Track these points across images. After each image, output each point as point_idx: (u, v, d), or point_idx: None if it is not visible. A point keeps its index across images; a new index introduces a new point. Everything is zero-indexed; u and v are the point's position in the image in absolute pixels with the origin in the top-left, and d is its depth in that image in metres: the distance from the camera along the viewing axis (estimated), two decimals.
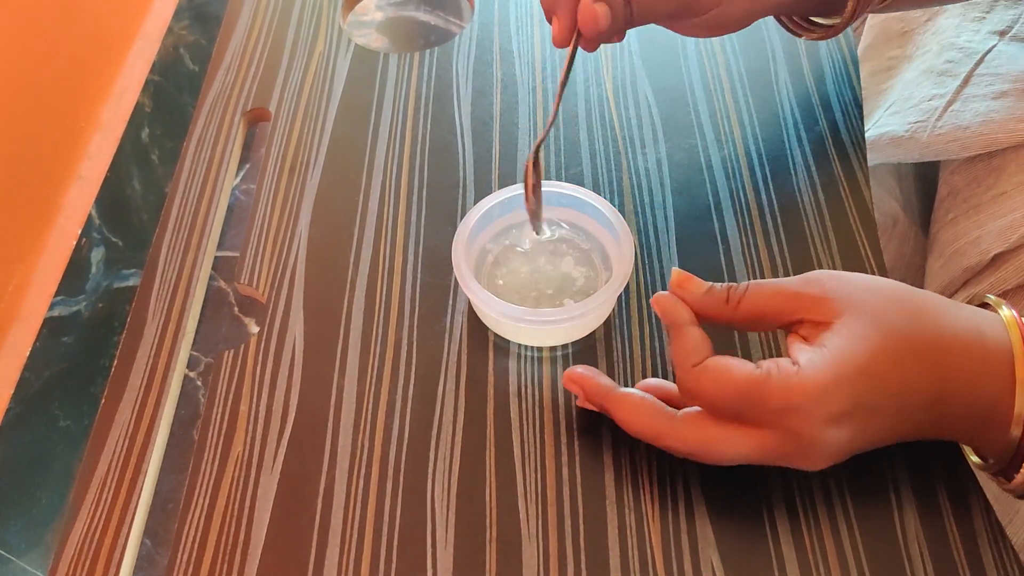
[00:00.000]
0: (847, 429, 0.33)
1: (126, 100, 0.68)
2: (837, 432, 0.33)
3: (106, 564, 0.38)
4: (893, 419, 0.34)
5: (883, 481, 0.37)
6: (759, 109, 0.52)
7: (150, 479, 0.40)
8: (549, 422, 0.40)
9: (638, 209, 0.48)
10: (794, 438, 0.33)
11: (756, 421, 0.33)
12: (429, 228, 0.47)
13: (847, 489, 0.37)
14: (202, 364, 0.45)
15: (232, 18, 0.60)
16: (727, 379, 0.33)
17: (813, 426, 0.32)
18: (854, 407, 0.32)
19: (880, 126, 0.55)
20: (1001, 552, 0.36)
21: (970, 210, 0.51)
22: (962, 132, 0.51)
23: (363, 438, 0.40)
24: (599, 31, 0.39)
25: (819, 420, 0.32)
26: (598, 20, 0.39)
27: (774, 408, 0.32)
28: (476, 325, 0.43)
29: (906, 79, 0.56)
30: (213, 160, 0.52)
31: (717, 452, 0.34)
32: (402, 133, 0.52)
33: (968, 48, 0.53)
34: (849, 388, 0.32)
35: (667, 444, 0.35)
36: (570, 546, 0.36)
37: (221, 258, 0.49)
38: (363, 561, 0.36)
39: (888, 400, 0.33)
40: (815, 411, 0.32)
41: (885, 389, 0.33)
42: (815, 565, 0.35)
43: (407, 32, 0.62)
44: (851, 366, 0.32)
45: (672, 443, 0.35)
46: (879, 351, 0.33)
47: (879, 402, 0.33)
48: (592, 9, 0.38)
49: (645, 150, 0.50)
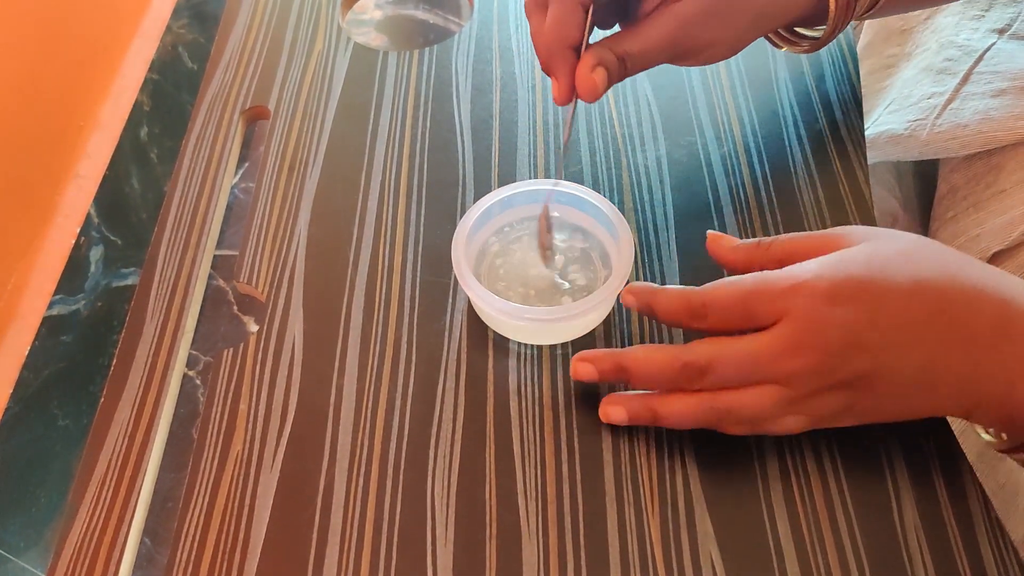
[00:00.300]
0: (853, 309, 0.33)
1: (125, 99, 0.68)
2: (843, 311, 0.33)
3: (105, 563, 0.38)
4: (903, 315, 0.34)
5: (882, 477, 0.38)
6: (759, 107, 0.52)
7: (149, 478, 0.40)
8: (549, 420, 0.40)
9: (638, 207, 0.48)
10: (802, 321, 0.33)
11: (765, 316, 0.34)
12: (429, 226, 0.47)
13: (846, 484, 0.37)
14: (201, 363, 0.45)
15: (231, 16, 0.60)
16: (736, 281, 0.36)
17: (817, 302, 0.33)
18: (858, 288, 0.33)
19: (879, 124, 0.55)
20: (1000, 547, 0.36)
21: (969, 208, 0.51)
22: (961, 130, 0.51)
23: (363, 436, 0.40)
24: (597, 96, 0.40)
25: (822, 296, 0.33)
26: (596, 88, 0.40)
27: (781, 290, 0.34)
28: (476, 323, 0.43)
29: (905, 77, 0.56)
30: (212, 158, 0.52)
31: (731, 353, 0.35)
32: (401, 131, 0.52)
33: (967, 46, 0.53)
34: (854, 268, 0.34)
35: (685, 361, 0.35)
36: (570, 543, 0.36)
37: (220, 257, 0.49)
38: (363, 559, 0.36)
39: (898, 294, 0.34)
40: (818, 287, 0.33)
41: (895, 280, 0.34)
42: (814, 559, 0.35)
43: (406, 30, 0.62)
44: (858, 254, 0.35)
45: (690, 357, 0.35)
46: (892, 249, 0.35)
47: (887, 288, 0.34)
48: (590, 79, 0.39)
49: (645, 148, 0.50)
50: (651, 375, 0.37)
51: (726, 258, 0.40)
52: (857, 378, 0.34)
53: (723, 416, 0.36)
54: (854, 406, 0.35)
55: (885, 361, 0.34)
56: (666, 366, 0.36)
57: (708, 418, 0.36)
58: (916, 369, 0.34)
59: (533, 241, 0.45)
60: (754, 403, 0.35)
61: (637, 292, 0.39)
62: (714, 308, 0.36)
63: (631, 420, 0.38)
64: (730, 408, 0.35)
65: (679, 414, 0.37)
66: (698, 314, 0.36)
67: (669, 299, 0.37)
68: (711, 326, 0.36)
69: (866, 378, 0.34)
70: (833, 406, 0.35)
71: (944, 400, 0.35)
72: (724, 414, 0.36)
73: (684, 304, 0.37)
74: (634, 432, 0.39)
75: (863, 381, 0.34)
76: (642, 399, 0.38)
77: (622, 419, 0.38)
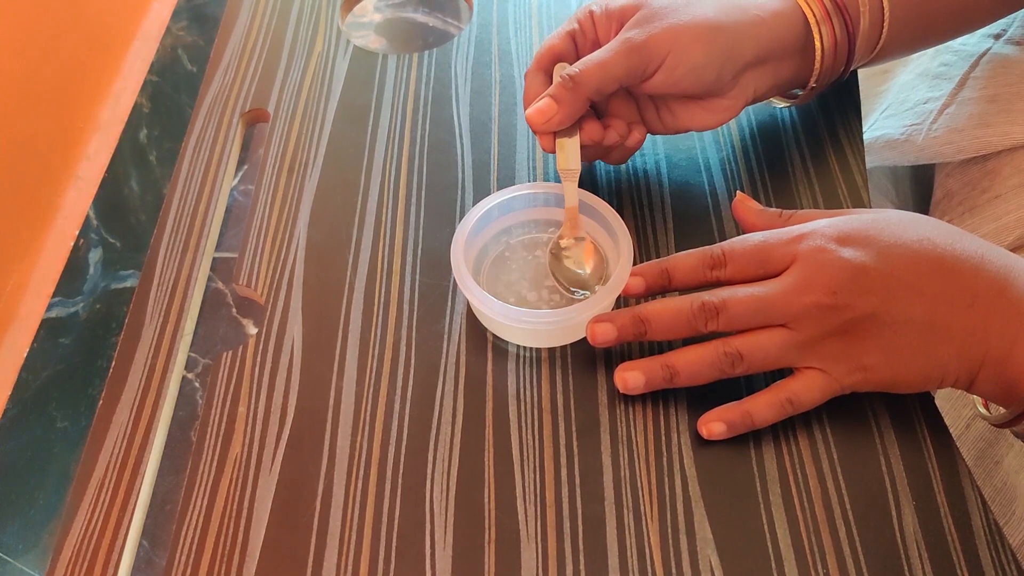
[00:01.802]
0: (859, 253, 0.36)
1: (124, 101, 0.68)
2: (850, 253, 0.36)
3: (104, 565, 0.38)
4: (908, 265, 0.36)
5: (881, 481, 0.38)
6: (757, 111, 0.52)
7: (148, 480, 0.40)
8: (548, 423, 0.40)
9: (636, 210, 0.48)
10: (810, 262, 0.36)
11: (779, 260, 0.37)
12: (428, 229, 0.47)
13: (845, 489, 0.37)
14: (200, 365, 0.45)
15: (230, 19, 0.60)
16: (753, 234, 0.39)
17: (825, 244, 0.36)
18: (866, 235, 0.36)
19: (876, 129, 0.55)
20: (998, 551, 0.36)
21: (965, 213, 0.51)
22: (957, 135, 0.51)
23: (362, 439, 0.40)
24: (546, 125, 0.43)
25: (831, 239, 0.36)
26: (547, 120, 0.43)
27: (793, 236, 0.37)
28: (475, 326, 0.43)
29: (902, 82, 0.57)
30: (211, 161, 0.52)
31: (745, 293, 0.37)
32: (401, 134, 0.52)
33: (963, 51, 0.54)
34: (862, 222, 0.37)
35: (703, 301, 0.37)
36: (569, 547, 0.36)
37: (219, 259, 0.49)
38: (362, 562, 0.36)
39: (904, 247, 0.36)
40: (827, 232, 0.37)
41: (901, 236, 0.36)
42: (813, 565, 0.36)
43: (405, 33, 0.62)
44: (866, 214, 0.38)
45: (706, 297, 0.37)
46: (900, 215, 0.38)
47: (893, 240, 0.36)
48: (540, 110, 0.43)
49: (644, 152, 0.51)
50: (670, 317, 0.38)
51: (748, 219, 0.42)
52: (862, 320, 0.35)
53: (735, 359, 0.37)
54: (862, 359, 0.36)
55: (889, 308, 0.35)
56: (684, 307, 0.38)
57: (721, 363, 0.37)
58: (920, 321, 0.35)
59: (532, 243, 0.45)
60: (764, 343, 0.37)
61: (644, 268, 0.40)
62: (732, 256, 0.38)
63: (647, 382, 0.39)
64: (741, 350, 0.37)
65: (694, 363, 0.38)
66: (717, 262, 0.38)
67: (686, 256, 0.40)
68: (729, 275, 0.38)
69: (871, 322, 0.35)
70: (842, 357, 0.36)
71: (950, 360, 0.36)
72: (736, 357, 0.37)
73: (702, 256, 0.39)
74: (633, 435, 0.39)
75: (868, 326, 0.36)
76: (656, 358, 0.39)
77: (639, 383, 0.39)
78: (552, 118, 0.42)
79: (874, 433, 0.39)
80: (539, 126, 0.43)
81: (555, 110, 0.42)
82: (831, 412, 0.39)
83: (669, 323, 0.38)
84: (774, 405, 0.38)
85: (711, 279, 0.39)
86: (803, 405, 0.38)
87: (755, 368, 0.37)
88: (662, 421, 0.40)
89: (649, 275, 0.40)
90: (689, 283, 0.40)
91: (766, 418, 0.38)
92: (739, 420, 0.38)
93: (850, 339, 0.36)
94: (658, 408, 0.40)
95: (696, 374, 0.38)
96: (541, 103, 0.42)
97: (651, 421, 0.40)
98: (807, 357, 0.37)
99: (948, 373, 0.36)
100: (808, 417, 0.39)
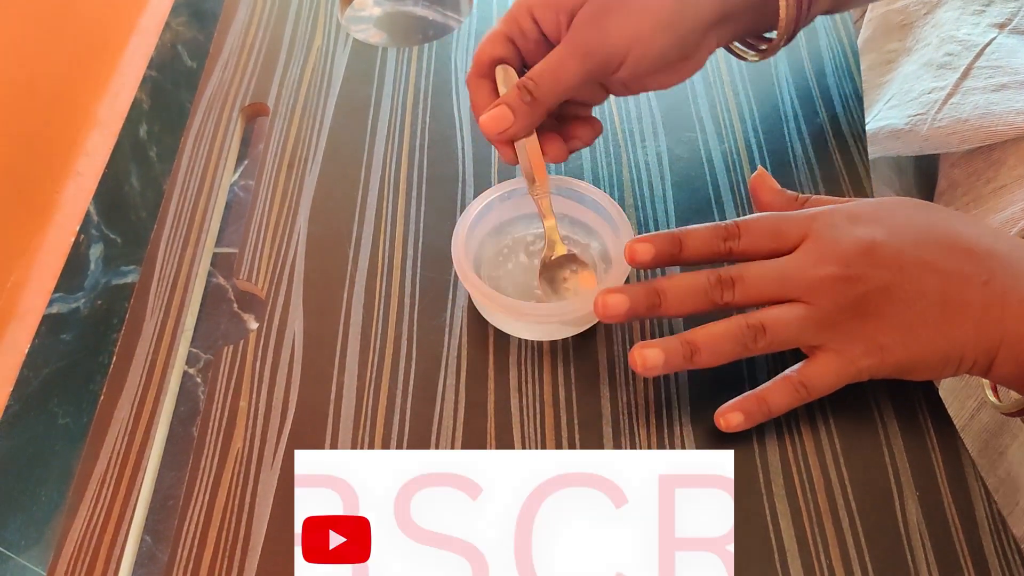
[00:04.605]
0: (871, 228, 0.36)
1: (123, 96, 0.68)
2: (862, 228, 0.36)
3: (106, 561, 0.38)
4: (920, 240, 0.36)
5: (885, 472, 0.37)
6: (759, 102, 0.52)
7: (149, 476, 0.40)
8: (550, 416, 0.40)
9: (638, 203, 0.47)
10: (824, 238, 0.37)
11: (793, 235, 0.37)
12: (429, 222, 0.47)
13: (849, 480, 0.37)
14: (201, 360, 0.45)
15: (229, 13, 0.59)
16: (768, 212, 0.40)
17: (838, 221, 0.37)
18: (877, 213, 0.37)
19: (880, 119, 0.55)
20: (1002, 542, 0.36)
21: (970, 203, 0.51)
22: (961, 125, 0.50)
23: (363, 433, 0.40)
24: (502, 135, 0.41)
25: (843, 216, 0.37)
26: (502, 127, 0.41)
27: (806, 214, 0.38)
28: (476, 320, 0.43)
29: (906, 72, 0.56)
30: (211, 156, 0.52)
31: (759, 265, 0.37)
32: (401, 127, 0.52)
33: (968, 41, 0.53)
34: (872, 205, 0.38)
35: (719, 273, 0.37)
36: None
37: (220, 254, 0.49)
38: None
39: (915, 225, 0.37)
40: (839, 209, 0.38)
41: (913, 217, 0.37)
42: (816, 556, 0.35)
43: (405, 26, 0.62)
44: (879, 198, 0.39)
45: (722, 270, 0.37)
46: (912, 200, 0.38)
47: (905, 218, 0.37)
48: (494, 118, 0.41)
49: (645, 143, 0.50)
50: (685, 289, 0.37)
51: (764, 197, 0.42)
52: (876, 295, 0.35)
53: (758, 332, 0.36)
54: (878, 338, 0.36)
55: (902, 282, 0.35)
56: (700, 278, 0.37)
57: (744, 336, 0.36)
58: (934, 297, 0.35)
59: (533, 236, 0.45)
60: (785, 316, 0.36)
61: (653, 236, 0.39)
62: (747, 228, 0.38)
63: (667, 361, 0.37)
64: (762, 322, 0.36)
65: (716, 336, 0.37)
66: (731, 233, 0.38)
67: (700, 228, 0.39)
68: (742, 247, 0.38)
69: (885, 297, 0.35)
70: (858, 336, 0.36)
71: (967, 340, 0.35)
72: (759, 329, 0.36)
73: (715, 228, 0.39)
74: (636, 428, 0.39)
75: (882, 302, 0.35)
76: (675, 336, 0.38)
77: (658, 361, 0.37)
78: (507, 129, 0.40)
79: (878, 424, 0.39)
80: (495, 135, 0.41)
81: (511, 120, 0.40)
82: (834, 403, 0.39)
83: (685, 294, 0.37)
84: (788, 389, 0.37)
85: (724, 250, 0.38)
86: (817, 390, 0.37)
87: (776, 344, 0.37)
88: (664, 413, 0.40)
89: (659, 241, 0.38)
90: (701, 252, 0.39)
91: (781, 404, 0.38)
92: (756, 408, 0.38)
93: (866, 318, 0.36)
94: (660, 400, 0.40)
95: (718, 349, 0.37)
96: (496, 111, 0.40)
97: (653, 414, 0.40)
98: (824, 335, 0.36)
99: (966, 354, 0.36)
100: (811, 408, 0.39)
